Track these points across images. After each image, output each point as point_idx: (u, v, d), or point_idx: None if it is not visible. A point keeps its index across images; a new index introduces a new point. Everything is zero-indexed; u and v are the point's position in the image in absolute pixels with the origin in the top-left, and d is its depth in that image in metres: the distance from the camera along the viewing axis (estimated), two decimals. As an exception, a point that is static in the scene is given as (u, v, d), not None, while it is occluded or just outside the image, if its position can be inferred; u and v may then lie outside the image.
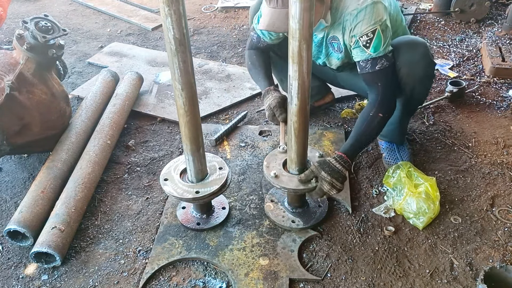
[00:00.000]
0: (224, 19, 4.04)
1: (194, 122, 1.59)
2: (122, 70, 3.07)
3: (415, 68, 1.82)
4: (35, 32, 2.00)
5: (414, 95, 1.91)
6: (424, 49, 1.84)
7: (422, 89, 1.93)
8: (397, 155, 2.13)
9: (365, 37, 1.72)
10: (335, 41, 1.89)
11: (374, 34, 1.70)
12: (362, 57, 1.77)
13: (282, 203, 1.93)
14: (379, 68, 1.75)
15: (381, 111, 1.76)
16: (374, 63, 1.75)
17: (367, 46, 1.73)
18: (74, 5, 4.51)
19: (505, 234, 1.82)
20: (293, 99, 1.52)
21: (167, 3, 1.28)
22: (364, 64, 1.78)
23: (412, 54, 1.82)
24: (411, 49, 1.82)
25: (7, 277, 1.74)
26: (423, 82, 1.90)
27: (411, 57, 1.81)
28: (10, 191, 2.15)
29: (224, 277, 1.70)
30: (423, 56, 1.83)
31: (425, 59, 1.84)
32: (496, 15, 3.70)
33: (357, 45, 1.76)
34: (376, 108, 1.77)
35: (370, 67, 1.76)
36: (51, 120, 2.13)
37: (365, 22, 1.71)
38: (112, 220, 1.96)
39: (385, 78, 1.78)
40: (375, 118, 1.76)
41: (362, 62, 1.78)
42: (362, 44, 1.74)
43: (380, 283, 1.64)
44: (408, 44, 1.84)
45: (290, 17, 1.34)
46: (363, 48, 1.74)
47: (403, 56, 1.81)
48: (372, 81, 1.79)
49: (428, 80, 1.93)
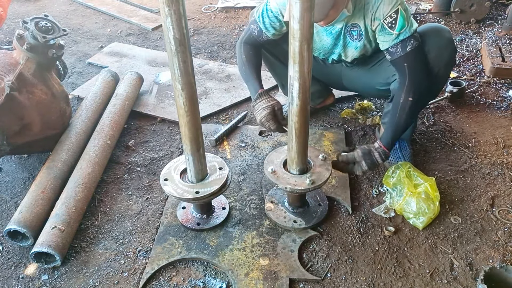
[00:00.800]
0: (224, 19, 4.04)
1: (194, 122, 1.59)
2: (122, 70, 3.07)
3: (442, 53, 1.85)
4: (35, 32, 2.00)
5: (438, 80, 1.91)
6: (449, 35, 1.89)
7: (445, 75, 1.95)
8: (399, 154, 2.13)
9: (389, 18, 1.74)
10: (355, 29, 1.88)
11: (398, 14, 1.72)
12: (391, 41, 1.78)
13: (282, 203, 1.93)
14: (410, 49, 1.76)
15: (410, 95, 1.78)
16: (404, 46, 1.76)
17: (392, 27, 1.74)
18: (74, 5, 4.51)
19: (505, 234, 1.82)
20: (294, 99, 1.52)
21: (167, 3, 1.28)
22: (394, 50, 1.78)
23: (439, 39, 1.85)
24: (438, 35, 1.86)
25: (7, 277, 1.74)
26: (447, 67, 1.92)
27: (439, 42, 1.84)
28: (10, 191, 2.15)
29: (224, 277, 1.70)
30: (450, 42, 1.88)
31: (451, 44, 1.89)
32: (496, 15, 3.70)
33: (383, 29, 1.77)
34: (405, 93, 1.78)
35: (401, 50, 1.77)
36: (51, 120, 2.14)
37: (387, 3, 1.73)
38: (112, 220, 1.96)
39: (416, 59, 1.79)
40: (405, 103, 1.78)
41: (391, 48, 1.79)
42: (388, 25, 1.75)
43: (380, 283, 1.64)
44: (434, 30, 1.88)
45: (291, 17, 1.34)
46: (388, 30, 1.76)
47: (430, 41, 1.84)
48: (402, 64, 1.79)
49: (451, 66, 1.96)
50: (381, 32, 1.79)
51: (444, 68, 1.90)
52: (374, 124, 2.45)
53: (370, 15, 1.78)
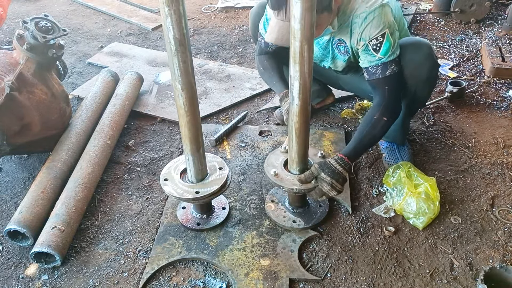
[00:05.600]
0: (224, 19, 4.04)
1: (194, 122, 1.59)
2: (122, 70, 3.07)
3: (419, 70, 1.81)
4: (35, 32, 2.00)
5: (417, 96, 1.90)
6: (428, 50, 1.83)
7: (425, 91, 1.92)
8: (398, 155, 2.13)
9: (374, 41, 1.71)
10: (342, 44, 1.88)
11: (384, 38, 1.70)
12: (372, 62, 1.76)
13: (283, 203, 1.93)
14: (389, 74, 1.74)
15: (385, 115, 1.76)
16: (384, 69, 1.74)
17: (376, 50, 1.72)
18: (74, 5, 4.51)
19: (505, 234, 1.82)
20: (295, 99, 1.52)
21: (167, 3, 1.28)
22: (374, 70, 1.76)
23: (416, 55, 1.80)
24: (416, 50, 1.81)
25: (7, 277, 1.74)
26: (426, 84, 1.89)
27: (415, 58, 1.80)
28: (10, 191, 2.15)
29: (224, 277, 1.70)
30: (427, 58, 1.82)
31: (429, 60, 1.83)
32: (496, 15, 3.70)
33: (367, 49, 1.75)
34: (380, 112, 1.76)
35: (381, 72, 1.75)
36: (51, 120, 2.13)
37: (374, 25, 1.70)
38: (112, 220, 1.96)
39: (394, 83, 1.77)
40: (379, 122, 1.75)
41: (371, 68, 1.77)
42: (372, 48, 1.72)
43: (380, 283, 1.64)
44: (412, 45, 1.83)
45: (292, 17, 1.34)
46: (372, 52, 1.73)
47: (407, 56, 1.80)
48: (380, 85, 1.78)
49: (431, 82, 1.92)
50: (364, 51, 1.77)
51: (423, 85, 1.86)
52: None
53: (357, 35, 1.76)
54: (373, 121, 1.76)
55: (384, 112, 1.76)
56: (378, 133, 1.77)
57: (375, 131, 1.76)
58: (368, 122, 1.77)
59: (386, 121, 1.76)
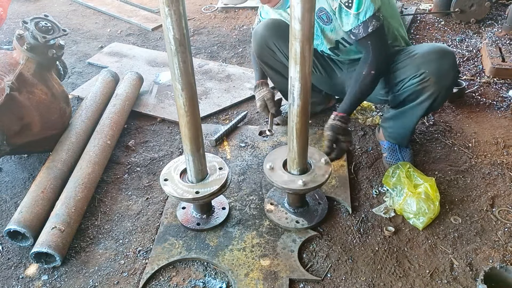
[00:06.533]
0: (224, 19, 4.04)
1: (194, 122, 1.59)
2: (122, 71, 3.07)
3: (444, 78, 1.83)
4: (35, 32, 2.00)
5: (437, 102, 1.91)
6: (453, 59, 1.85)
7: (445, 97, 1.95)
8: (399, 155, 2.13)
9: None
10: (323, 12, 1.89)
11: None
12: (352, 24, 1.79)
13: (282, 205, 1.93)
14: (371, 30, 1.78)
15: (372, 69, 1.83)
16: (365, 27, 1.77)
17: (349, 6, 1.75)
18: (74, 5, 4.51)
19: (505, 234, 1.82)
20: (295, 100, 1.52)
21: (167, 3, 1.28)
22: (356, 31, 1.80)
23: (442, 64, 1.82)
24: (441, 59, 1.82)
25: (7, 277, 1.74)
26: (448, 91, 1.92)
27: (442, 67, 1.81)
28: (10, 191, 2.15)
29: (224, 277, 1.70)
30: (452, 67, 1.84)
31: (454, 69, 1.86)
32: (496, 15, 3.70)
33: (341, 9, 1.78)
34: (368, 66, 1.83)
35: (363, 31, 1.78)
36: (51, 120, 2.13)
37: None
38: (112, 220, 1.96)
39: (377, 38, 1.81)
40: (367, 76, 1.84)
41: (354, 29, 1.80)
42: (344, 5, 1.75)
43: (380, 284, 1.64)
44: (438, 53, 1.84)
45: (292, 18, 1.34)
46: (346, 9, 1.76)
47: (433, 65, 1.81)
48: (364, 42, 1.83)
49: (451, 89, 1.98)
50: (340, 12, 1.80)
51: (445, 92, 1.89)
52: (374, 124, 2.45)
53: None
54: (361, 76, 1.85)
55: (371, 66, 1.83)
56: (368, 86, 1.87)
57: (365, 85, 1.86)
58: (358, 78, 1.86)
59: (374, 75, 1.84)
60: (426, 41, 3.40)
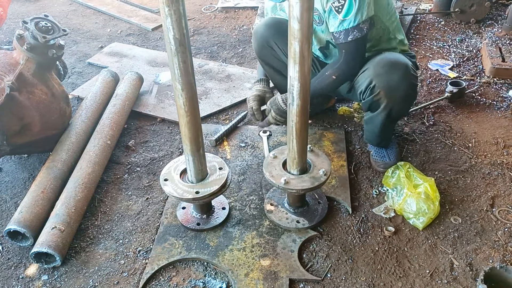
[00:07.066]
0: (224, 19, 4.04)
1: (194, 122, 1.59)
2: (122, 70, 3.07)
3: (395, 90, 1.85)
4: (35, 32, 2.00)
5: (394, 111, 1.94)
6: (403, 71, 1.84)
7: (403, 108, 1.99)
8: (384, 153, 2.14)
9: (337, 2, 1.76)
10: (315, 13, 1.90)
11: (346, 0, 1.73)
12: (336, 27, 1.81)
13: (282, 205, 1.93)
14: (351, 39, 1.80)
15: (335, 74, 1.89)
16: (346, 34, 1.80)
17: (339, 11, 1.77)
18: (74, 5, 4.51)
19: (505, 234, 1.82)
20: (295, 100, 1.52)
21: (167, 3, 1.28)
22: (337, 35, 1.83)
23: (391, 76, 1.83)
24: (390, 71, 1.83)
25: (7, 277, 1.74)
26: (404, 102, 1.95)
27: (390, 79, 1.83)
28: (10, 191, 2.15)
29: (224, 277, 1.70)
30: (402, 79, 1.84)
31: (405, 81, 1.85)
32: (496, 15, 3.70)
33: (331, 11, 1.80)
34: (333, 70, 1.90)
35: (343, 37, 1.81)
36: (51, 120, 2.13)
37: None
38: (112, 220, 1.96)
39: (354, 49, 1.84)
40: (328, 78, 1.91)
41: (336, 33, 1.83)
42: (335, 9, 1.77)
43: (380, 284, 1.64)
44: (387, 65, 1.85)
45: (291, 17, 1.34)
46: (335, 13, 1.78)
47: (382, 78, 1.84)
48: (340, 48, 1.87)
49: (408, 100, 1.98)
50: (329, 14, 1.82)
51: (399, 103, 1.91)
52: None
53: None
54: (324, 76, 1.93)
55: (336, 71, 1.90)
56: (324, 87, 1.96)
57: (324, 85, 1.94)
58: (320, 76, 1.95)
59: (335, 79, 1.91)
60: (426, 41, 3.40)
